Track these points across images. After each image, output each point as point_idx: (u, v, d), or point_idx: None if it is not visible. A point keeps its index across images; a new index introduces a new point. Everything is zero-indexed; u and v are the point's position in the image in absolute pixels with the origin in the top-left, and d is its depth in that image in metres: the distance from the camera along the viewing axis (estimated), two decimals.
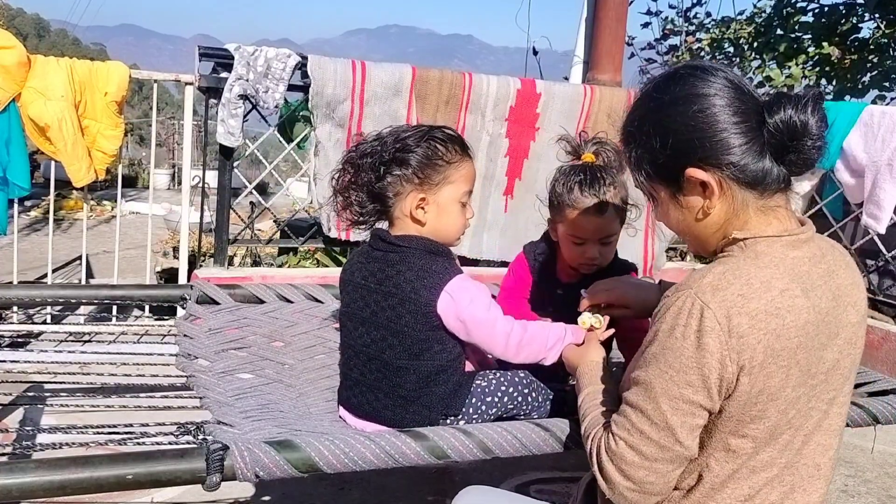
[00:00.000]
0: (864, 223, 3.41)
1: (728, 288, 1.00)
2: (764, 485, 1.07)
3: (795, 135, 1.02)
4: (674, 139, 1.07)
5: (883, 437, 2.89)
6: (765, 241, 1.06)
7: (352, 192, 1.47)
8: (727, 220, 1.09)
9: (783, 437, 1.05)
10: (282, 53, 3.02)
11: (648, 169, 1.12)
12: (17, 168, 3.06)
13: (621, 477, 1.05)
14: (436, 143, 1.44)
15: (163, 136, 15.19)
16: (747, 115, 1.05)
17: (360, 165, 1.45)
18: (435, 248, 1.44)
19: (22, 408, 2.57)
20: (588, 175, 1.58)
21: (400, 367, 1.43)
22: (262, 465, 1.15)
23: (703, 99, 1.05)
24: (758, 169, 1.05)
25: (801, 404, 1.05)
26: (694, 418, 1.02)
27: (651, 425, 1.03)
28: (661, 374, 1.02)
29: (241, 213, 3.95)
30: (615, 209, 1.57)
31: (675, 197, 1.12)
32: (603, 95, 3.48)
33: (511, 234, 3.50)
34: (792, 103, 1.03)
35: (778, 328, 0.99)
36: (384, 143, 1.45)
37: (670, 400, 1.02)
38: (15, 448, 1.50)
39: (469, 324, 1.41)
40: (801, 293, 1.02)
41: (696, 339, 0.99)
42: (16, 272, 3.57)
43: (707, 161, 1.06)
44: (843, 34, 6.34)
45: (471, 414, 1.47)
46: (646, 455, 1.04)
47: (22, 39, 3.08)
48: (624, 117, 1.17)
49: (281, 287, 1.98)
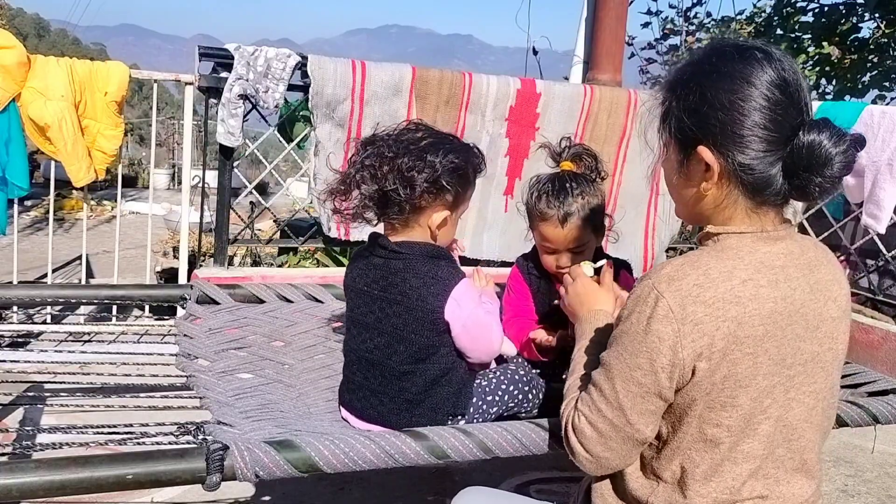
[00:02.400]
0: (864, 223, 3.40)
1: (684, 279, 1.04)
2: (748, 476, 1.08)
3: (813, 165, 1.03)
4: (706, 109, 1.06)
5: (883, 437, 2.89)
6: (736, 236, 1.08)
7: (367, 185, 1.39)
8: (713, 208, 1.11)
9: (762, 428, 1.07)
10: (282, 53, 3.02)
11: (673, 124, 1.12)
12: (17, 168, 3.06)
13: (581, 448, 1.13)
14: (474, 167, 1.44)
15: (163, 135, 15.18)
16: (780, 125, 1.04)
17: (393, 164, 1.37)
18: (437, 252, 1.44)
19: (22, 408, 2.57)
20: (556, 185, 1.60)
21: (405, 373, 1.43)
22: (262, 464, 1.15)
23: (749, 89, 1.04)
24: (764, 178, 1.06)
25: (778, 394, 1.06)
26: (644, 402, 1.07)
27: (606, 404, 1.10)
28: (617, 356, 1.09)
29: (241, 213, 3.95)
30: (583, 219, 1.58)
31: (680, 163, 1.13)
32: (603, 95, 3.48)
33: (511, 234, 3.50)
34: (830, 134, 1.02)
35: (739, 315, 1.02)
36: (426, 148, 1.38)
37: (623, 381, 1.08)
38: (15, 448, 1.50)
39: (472, 329, 1.42)
40: (768, 284, 1.04)
41: (646, 325, 1.04)
42: (16, 272, 3.57)
43: (720, 148, 1.06)
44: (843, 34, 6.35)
45: (472, 413, 1.48)
46: (601, 432, 1.10)
47: (22, 39, 3.08)
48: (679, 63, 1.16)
49: (281, 287, 1.98)
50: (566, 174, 1.64)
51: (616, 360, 1.09)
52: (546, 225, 1.60)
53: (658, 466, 1.13)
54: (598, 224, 1.63)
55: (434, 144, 1.40)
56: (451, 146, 1.41)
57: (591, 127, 3.48)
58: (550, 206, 1.58)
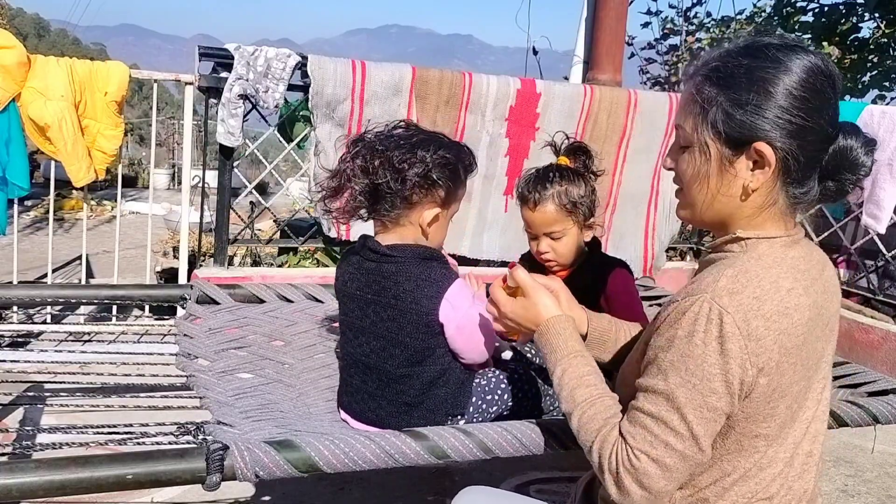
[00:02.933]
0: (864, 223, 3.41)
1: (743, 291, 0.99)
2: (771, 480, 1.08)
3: (843, 167, 1.04)
4: (769, 104, 1.01)
5: (883, 437, 2.89)
6: (766, 241, 1.07)
7: (358, 180, 1.38)
8: (750, 211, 1.07)
9: (790, 433, 1.07)
10: (282, 53, 3.02)
11: (718, 117, 1.03)
12: (17, 168, 3.06)
13: (638, 488, 1.01)
14: (465, 164, 1.45)
15: (163, 135, 15.18)
16: (833, 124, 1.04)
17: (384, 157, 1.36)
18: (428, 253, 1.43)
19: (22, 407, 2.57)
20: (540, 173, 1.71)
21: (402, 376, 1.43)
22: (262, 464, 1.15)
23: (822, 80, 1.01)
24: (808, 178, 1.06)
25: (801, 396, 1.06)
26: (716, 425, 1.01)
27: (676, 436, 1.00)
28: (684, 384, 0.99)
29: (241, 213, 3.95)
30: (559, 206, 1.67)
31: (721, 164, 1.05)
32: (603, 95, 3.48)
33: (511, 234, 3.50)
34: (861, 140, 1.04)
35: (788, 327, 1.00)
36: (417, 143, 1.38)
37: (695, 409, 0.99)
38: (15, 448, 1.50)
39: (467, 330, 1.41)
40: (803, 291, 1.03)
41: (718, 346, 0.97)
42: (16, 272, 3.57)
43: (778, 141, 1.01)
44: (843, 34, 6.35)
45: (471, 413, 1.47)
46: (669, 467, 1.00)
47: (22, 39, 3.08)
48: (720, 51, 1.07)
49: (281, 287, 1.98)
50: (555, 165, 1.72)
51: (682, 388, 0.99)
52: (524, 208, 1.72)
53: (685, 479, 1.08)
54: (578, 214, 1.69)
55: (425, 140, 1.40)
56: (442, 143, 1.42)
57: (591, 127, 3.48)
58: (528, 189, 1.69)
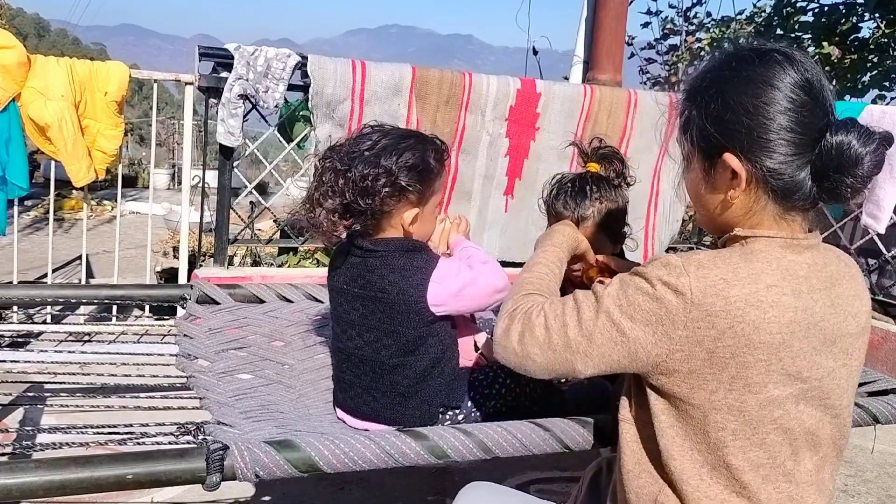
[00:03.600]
0: (864, 223, 3.41)
1: (714, 269, 1.02)
2: (758, 488, 1.05)
3: (843, 165, 1.01)
4: (729, 117, 1.05)
5: (883, 437, 2.89)
6: (765, 240, 1.06)
7: (329, 202, 1.37)
8: (741, 215, 1.09)
9: (770, 438, 1.04)
10: (282, 53, 3.02)
11: (694, 133, 1.10)
12: (17, 168, 3.06)
13: (517, 338, 1.12)
14: (433, 159, 1.43)
15: (163, 135, 15.18)
16: (807, 127, 1.02)
17: (346, 177, 1.36)
18: (412, 245, 1.44)
19: (22, 408, 2.57)
20: (576, 187, 1.58)
21: (395, 366, 1.43)
22: (262, 464, 1.15)
23: (773, 92, 1.02)
24: (792, 182, 1.04)
25: (789, 406, 1.04)
26: (612, 350, 1.06)
27: (577, 325, 1.08)
28: (615, 298, 1.06)
29: (241, 213, 3.95)
30: (598, 224, 1.56)
31: (705, 172, 1.11)
32: (603, 95, 3.48)
33: (511, 234, 3.50)
34: (858, 133, 1.01)
35: (756, 320, 1.00)
36: (379, 153, 1.38)
37: (607, 320, 1.06)
38: (15, 448, 1.50)
39: (466, 292, 1.41)
40: (791, 293, 1.02)
41: (661, 287, 1.02)
42: (16, 272, 3.57)
43: (747, 154, 1.04)
44: (843, 34, 6.35)
45: (470, 407, 1.48)
46: (551, 343, 1.09)
47: (22, 39, 3.08)
48: (696, 71, 1.14)
49: (281, 287, 1.98)
50: (589, 176, 1.60)
51: (610, 298, 1.07)
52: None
53: (664, 473, 1.09)
54: (615, 231, 1.60)
55: (387, 148, 1.38)
56: (407, 145, 1.40)
57: (591, 127, 3.48)
58: (566, 207, 1.57)
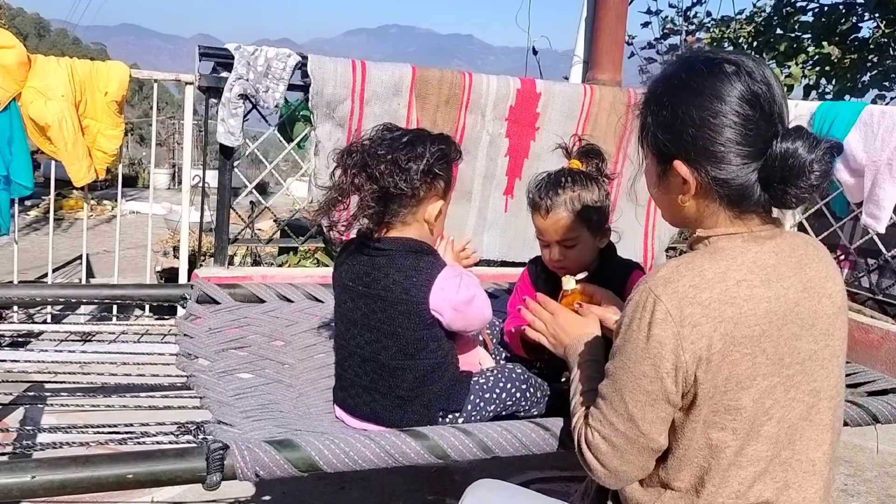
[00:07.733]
0: (864, 223, 3.40)
1: (679, 280, 1.04)
2: (754, 480, 1.07)
3: (788, 175, 1.02)
4: (679, 125, 1.07)
5: (883, 437, 2.89)
6: (726, 237, 1.09)
7: (367, 188, 1.40)
8: (697, 218, 1.13)
9: (765, 430, 1.06)
10: (282, 53, 3.02)
11: (650, 139, 1.13)
12: (20, 167, 3.05)
13: (598, 465, 1.13)
14: (456, 155, 1.49)
15: (163, 135, 15.17)
16: (753, 139, 1.04)
17: (389, 160, 1.39)
18: (420, 247, 1.44)
19: (22, 407, 2.57)
20: (552, 178, 1.62)
21: (396, 368, 1.43)
22: (263, 464, 1.15)
23: (719, 105, 1.04)
24: (741, 190, 1.06)
25: (779, 394, 1.06)
26: (654, 409, 1.06)
27: (617, 416, 1.09)
28: (622, 366, 1.08)
29: (241, 213, 3.95)
30: (572, 213, 1.59)
31: (659, 176, 1.15)
32: (603, 95, 3.48)
33: (511, 234, 3.50)
34: (805, 141, 1.02)
35: (735, 316, 1.02)
36: (412, 141, 1.42)
37: (631, 392, 1.07)
38: (15, 448, 1.51)
39: (463, 309, 1.42)
40: (761, 283, 1.05)
41: (648, 331, 1.04)
42: (16, 272, 3.57)
43: (694, 163, 1.07)
44: (843, 34, 6.35)
45: (469, 411, 1.48)
46: (616, 446, 1.10)
47: (22, 39, 3.08)
48: (655, 76, 1.16)
49: (281, 286, 1.99)
50: (567, 170, 1.65)
51: (621, 371, 1.08)
52: (535, 215, 1.64)
53: (666, 476, 1.12)
54: (592, 221, 1.62)
55: (418, 137, 1.45)
56: (432, 137, 1.46)
57: (590, 127, 3.47)
58: (539, 195, 1.62)
